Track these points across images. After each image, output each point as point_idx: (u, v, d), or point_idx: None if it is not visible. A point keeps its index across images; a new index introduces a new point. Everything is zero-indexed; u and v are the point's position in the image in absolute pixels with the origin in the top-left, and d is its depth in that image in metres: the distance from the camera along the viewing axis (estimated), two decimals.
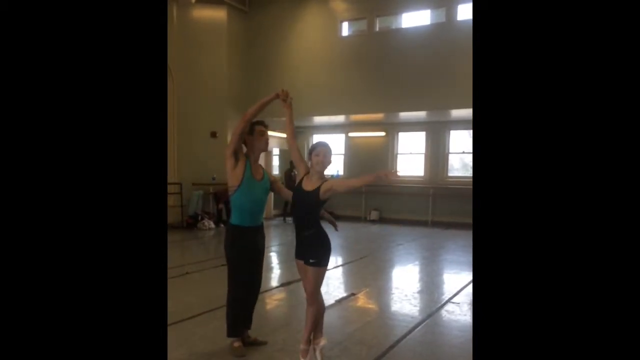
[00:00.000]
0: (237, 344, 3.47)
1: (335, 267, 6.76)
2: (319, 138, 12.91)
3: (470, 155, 11.68)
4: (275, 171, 13.69)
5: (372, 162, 12.77)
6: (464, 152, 12.09)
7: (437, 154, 12.22)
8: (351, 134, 13.25)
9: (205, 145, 11.28)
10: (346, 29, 11.64)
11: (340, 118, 12.32)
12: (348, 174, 13.24)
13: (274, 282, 5.77)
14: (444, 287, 5.91)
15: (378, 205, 12.69)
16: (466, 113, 10.26)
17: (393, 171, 2.84)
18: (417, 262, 7.48)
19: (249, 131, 3.44)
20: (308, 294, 3.15)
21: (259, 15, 12.10)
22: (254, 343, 3.61)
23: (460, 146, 12.12)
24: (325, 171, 3.13)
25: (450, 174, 12.22)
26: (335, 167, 13.27)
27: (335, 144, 12.75)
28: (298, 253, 3.15)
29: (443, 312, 4.63)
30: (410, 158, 12.81)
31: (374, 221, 12.47)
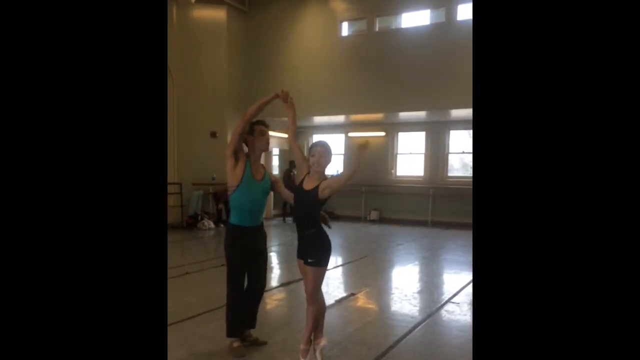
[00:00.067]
0: (237, 344, 3.47)
1: (335, 267, 6.76)
2: (319, 138, 12.89)
3: (470, 155, 11.69)
4: (275, 171, 13.69)
5: (372, 162, 12.78)
6: (464, 152, 12.09)
7: (437, 154, 12.22)
8: (351, 134, 13.25)
9: (205, 145, 11.29)
10: (346, 29, 11.64)
11: (340, 118, 12.32)
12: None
13: (274, 282, 5.77)
14: (444, 287, 5.91)
15: (378, 205, 12.70)
16: (466, 113, 10.26)
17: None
18: (417, 262, 7.48)
19: (250, 131, 3.43)
20: (308, 294, 3.15)
21: (259, 15, 12.11)
22: (255, 343, 3.61)
23: (460, 146, 12.13)
24: (324, 171, 3.13)
25: (450, 174, 12.22)
26: (335, 167, 13.27)
27: (335, 144, 12.75)
28: (299, 253, 3.16)
29: (443, 312, 4.63)
30: (410, 158, 12.82)
31: (374, 221, 12.48)
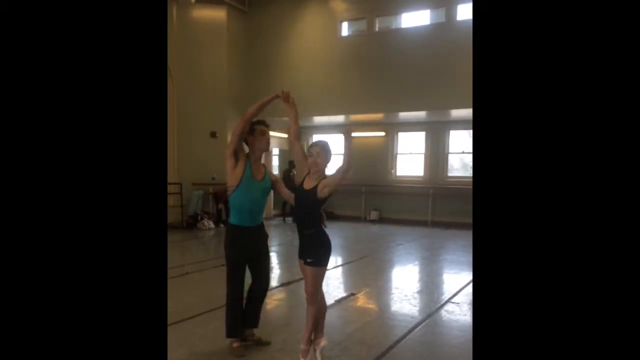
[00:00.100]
0: (237, 344, 3.47)
1: (335, 267, 6.76)
2: (319, 138, 12.88)
3: (470, 155, 11.69)
4: (275, 171, 13.67)
5: (372, 162, 12.79)
6: (464, 152, 12.09)
7: (437, 154, 12.22)
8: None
9: (205, 145, 11.28)
10: (346, 29, 11.64)
11: (340, 118, 12.32)
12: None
13: (274, 282, 5.77)
14: (444, 287, 5.91)
15: (378, 205, 12.70)
16: (466, 113, 10.26)
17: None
18: (417, 262, 7.48)
19: (250, 131, 3.42)
20: (307, 294, 3.15)
21: (259, 15, 12.10)
22: (259, 343, 3.60)
23: (460, 146, 12.12)
24: (323, 170, 3.13)
25: (450, 174, 12.22)
26: (335, 167, 13.24)
27: (335, 144, 12.73)
28: (299, 252, 3.16)
29: (443, 312, 4.63)
30: (410, 158, 12.82)
31: (374, 221, 12.47)
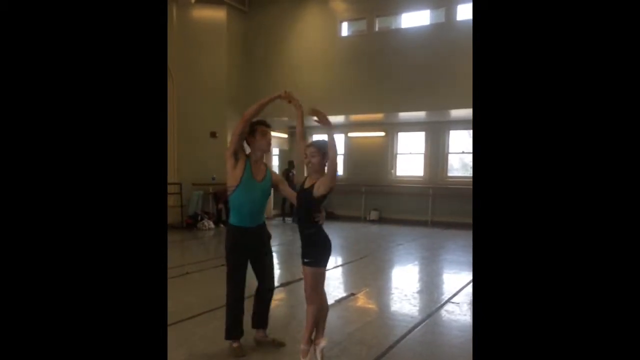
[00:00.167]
0: (236, 344, 3.46)
1: (335, 267, 6.76)
2: (319, 138, 12.87)
3: (470, 155, 11.68)
4: (274, 171, 13.66)
5: (372, 162, 12.79)
6: (464, 152, 12.09)
7: (437, 154, 12.22)
8: (351, 134, 13.24)
9: (205, 145, 11.28)
10: (346, 29, 11.64)
11: (340, 118, 12.31)
12: (347, 174, 13.24)
13: (274, 282, 5.76)
14: (444, 287, 5.91)
15: (378, 205, 12.69)
16: (466, 113, 10.26)
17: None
18: (417, 262, 7.48)
19: (251, 131, 3.41)
20: (306, 294, 3.16)
21: (259, 15, 12.10)
22: (273, 344, 3.57)
23: (460, 146, 12.12)
24: (320, 170, 3.13)
25: (450, 174, 12.22)
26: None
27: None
28: (301, 252, 3.17)
29: (443, 312, 4.63)
30: (409, 158, 12.81)
31: (374, 221, 12.47)
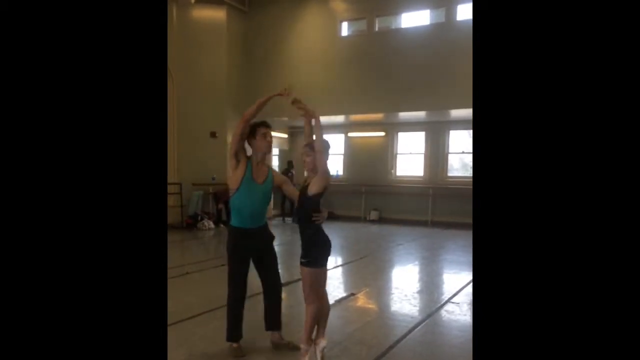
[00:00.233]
0: (236, 345, 3.46)
1: (335, 267, 6.76)
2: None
3: (470, 155, 11.68)
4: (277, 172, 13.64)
5: (372, 162, 12.79)
6: (464, 152, 12.09)
7: (437, 154, 12.22)
8: (351, 134, 13.24)
9: (205, 145, 11.28)
10: (346, 29, 11.63)
11: (339, 118, 12.32)
12: (347, 174, 13.25)
13: None
14: (444, 287, 5.91)
15: (378, 205, 12.69)
16: (466, 113, 10.25)
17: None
18: (417, 262, 7.48)
19: (251, 133, 3.40)
20: (304, 294, 3.16)
21: (259, 15, 12.10)
22: (288, 347, 3.51)
23: (460, 146, 12.12)
24: (314, 170, 3.13)
25: (450, 174, 12.22)
26: (335, 167, 13.27)
27: (334, 144, 12.72)
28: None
29: (443, 312, 4.63)
30: (410, 158, 12.81)
31: (374, 221, 12.47)
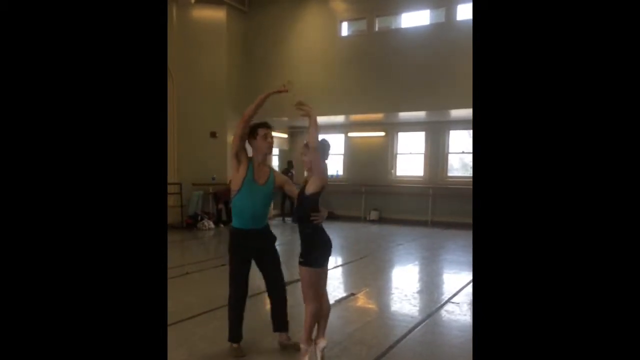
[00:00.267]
0: (236, 345, 3.47)
1: (335, 267, 6.76)
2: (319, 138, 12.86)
3: (470, 155, 11.68)
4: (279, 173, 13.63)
5: (372, 162, 12.79)
6: (464, 152, 12.09)
7: (437, 154, 12.21)
8: (351, 134, 13.24)
9: (205, 145, 11.28)
10: (346, 29, 11.63)
11: (339, 118, 12.32)
12: (347, 174, 13.25)
13: None
14: (444, 287, 5.91)
15: (378, 205, 12.69)
16: (466, 113, 10.25)
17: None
18: (417, 262, 7.48)
19: (252, 134, 3.40)
20: (303, 294, 3.17)
21: (259, 15, 12.10)
22: (294, 348, 3.45)
23: (460, 146, 12.12)
24: (311, 169, 3.14)
25: (450, 174, 12.22)
26: (334, 168, 13.27)
27: (334, 144, 12.72)
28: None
29: (443, 312, 4.63)
30: (410, 158, 12.81)
31: (374, 221, 12.47)
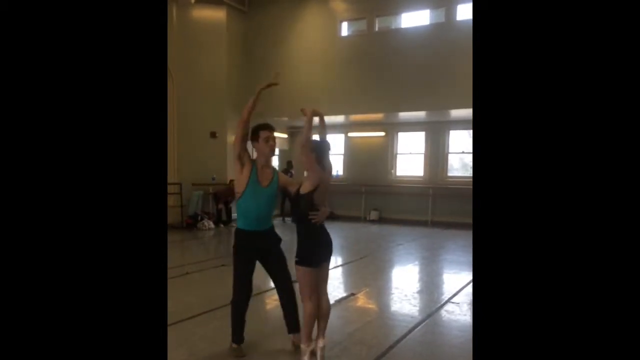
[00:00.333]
0: (236, 345, 3.46)
1: (335, 267, 6.76)
2: (318, 138, 12.86)
3: (470, 155, 11.68)
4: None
5: (372, 162, 12.79)
6: (464, 152, 12.09)
7: (437, 154, 12.21)
8: (351, 134, 13.24)
9: (205, 145, 11.29)
10: (346, 29, 11.63)
11: (339, 118, 12.32)
12: (347, 174, 13.25)
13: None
14: (444, 287, 5.91)
15: (378, 205, 12.69)
16: (466, 113, 10.26)
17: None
18: (417, 262, 7.48)
19: (254, 136, 3.40)
20: (300, 293, 3.18)
21: (259, 15, 12.10)
22: (295, 345, 3.47)
23: (460, 146, 12.12)
24: (306, 168, 3.16)
25: (450, 174, 12.22)
26: (334, 168, 13.25)
27: (334, 144, 12.71)
28: None
29: (443, 312, 4.63)
30: (410, 158, 12.81)
31: (374, 221, 12.47)
